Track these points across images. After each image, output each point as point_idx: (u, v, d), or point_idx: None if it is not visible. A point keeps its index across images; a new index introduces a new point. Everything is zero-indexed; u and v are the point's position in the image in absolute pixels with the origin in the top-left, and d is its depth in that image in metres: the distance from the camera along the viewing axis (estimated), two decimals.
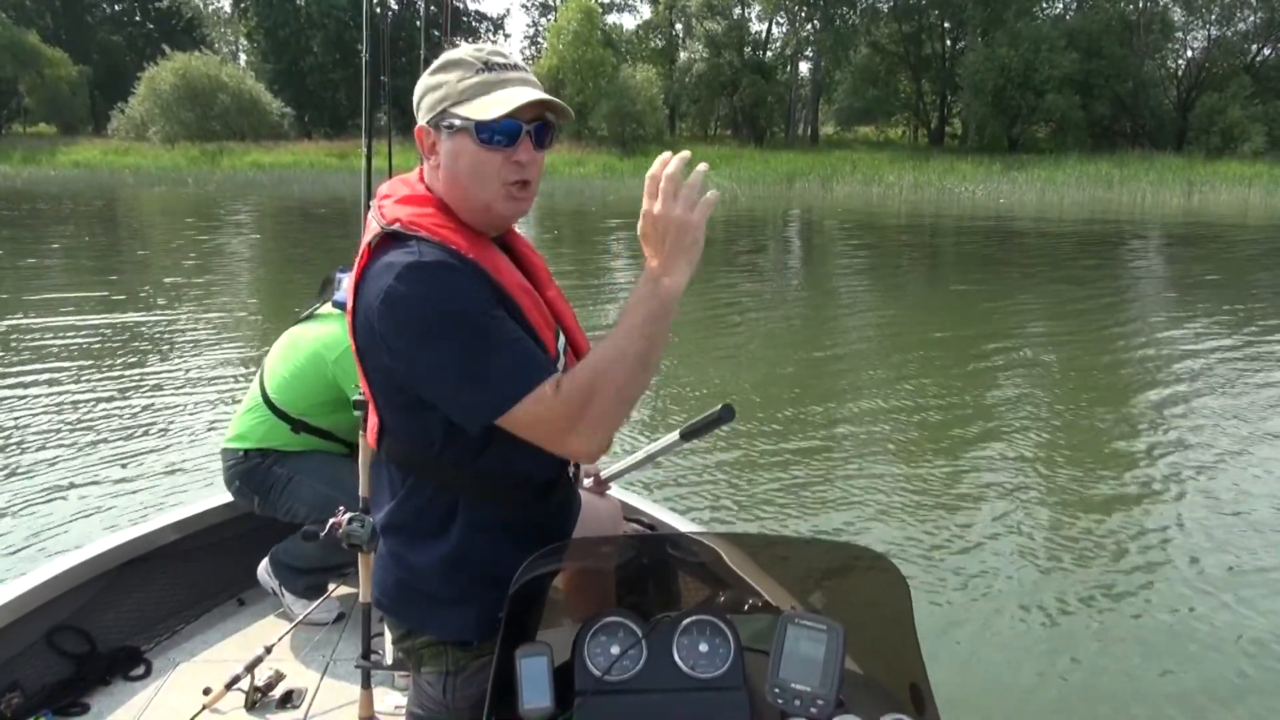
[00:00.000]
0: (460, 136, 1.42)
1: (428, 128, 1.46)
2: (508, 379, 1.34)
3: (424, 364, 1.36)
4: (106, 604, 2.73)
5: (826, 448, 5.97)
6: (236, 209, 25.35)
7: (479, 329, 1.33)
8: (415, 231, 1.40)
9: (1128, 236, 20.62)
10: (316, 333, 2.92)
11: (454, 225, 1.44)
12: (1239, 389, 7.27)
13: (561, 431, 1.36)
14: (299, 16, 50.87)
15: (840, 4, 48.55)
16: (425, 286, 1.33)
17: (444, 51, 1.47)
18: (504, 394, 1.34)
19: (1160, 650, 3.56)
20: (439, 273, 1.34)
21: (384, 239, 1.42)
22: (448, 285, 1.34)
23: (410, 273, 1.33)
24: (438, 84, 1.43)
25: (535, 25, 62.63)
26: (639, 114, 43.30)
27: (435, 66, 1.45)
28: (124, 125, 46.33)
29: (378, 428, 1.51)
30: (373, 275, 1.39)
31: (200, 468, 5.25)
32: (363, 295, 1.40)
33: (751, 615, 1.52)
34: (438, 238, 1.39)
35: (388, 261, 1.36)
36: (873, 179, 35.94)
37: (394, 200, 1.47)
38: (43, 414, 6.35)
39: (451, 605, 1.49)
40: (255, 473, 2.88)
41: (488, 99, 1.40)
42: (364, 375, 1.48)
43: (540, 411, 1.34)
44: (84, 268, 14.39)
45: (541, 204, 28.07)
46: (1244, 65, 45.87)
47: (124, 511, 4.68)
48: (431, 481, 1.48)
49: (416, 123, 1.47)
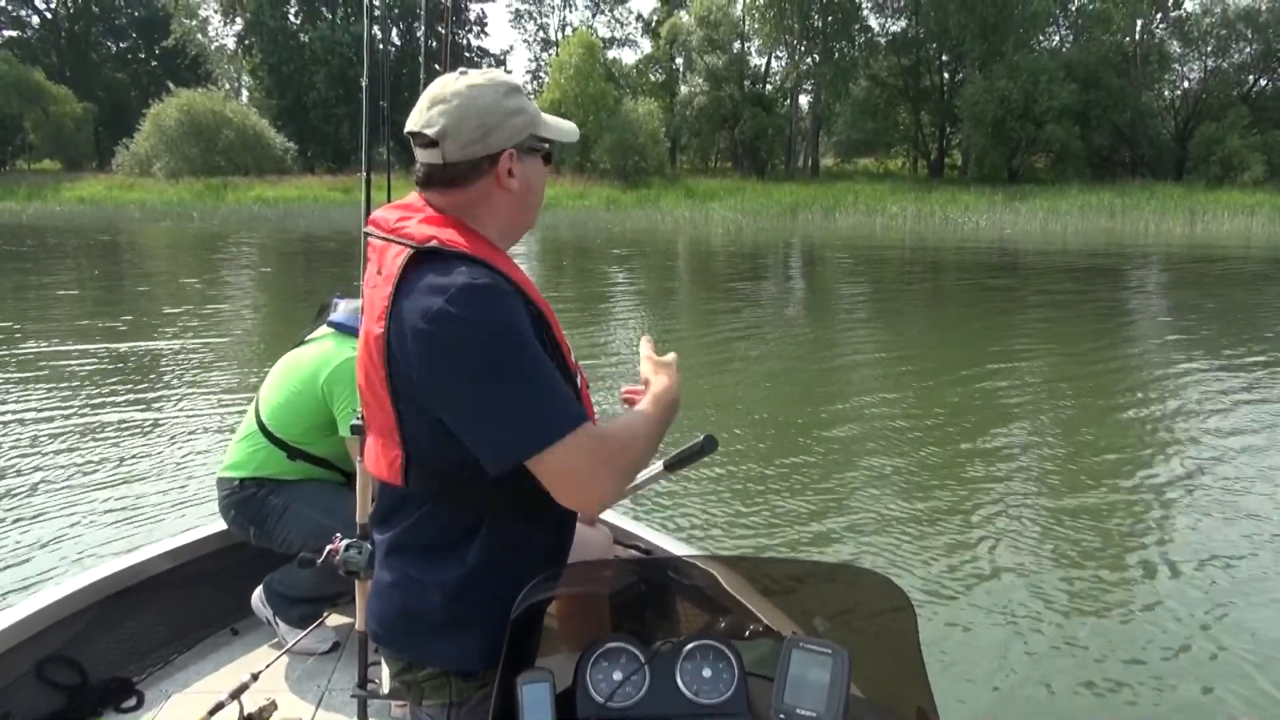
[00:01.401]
0: (534, 158, 1.50)
1: (515, 151, 1.46)
2: (548, 419, 1.32)
3: (461, 392, 1.32)
4: (98, 634, 2.66)
5: (826, 471, 5.88)
6: (241, 242, 25.45)
7: (527, 363, 1.32)
8: (455, 249, 1.37)
9: (1136, 266, 20.62)
10: (310, 354, 2.87)
11: (484, 243, 1.43)
12: (1249, 416, 7.12)
13: (588, 478, 1.35)
14: (303, 53, 51.46)
15: (839, 37, 48.99)
16: (480, 311, 1.30)
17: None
18: (541, 434, 1.31)
19: (1167, 674, 3.48)
20: (493, 297, 1.32)
21: (419, 258, 1.37)
22: (502, 311, 1.32)
23: (464, 295, 1.30)
24: (521, 108, 1.46)
25: (537, 60, 63.25)
26: (641, 147, 43.57)
27: (508, 90, 1.46)
28: (128, 161, 46.66)
29: (402, 460, 1.44)
30: (415, 295, 1.34)
31: (196, 496, 5.16)
32: (401, 316, 1.35)
33: (754, 640, 1.49)
34: (480, 255, 1.37)
35: (434, 283, 1.32)
36: (876, 210, 36.10)
37: (417, 221, 1.43)
38: (37, 441, 6.27)
39: (455, 633, 1.45)
40: (251, 502, 2.83)
41: (558, 124, 1.53)
42: (392, 402, 1.41)
43: (573, 457, 1.33)
44: (89, 298, 14.40)
45: (547, 236, 28.20)
46: (1241, 95, 46.22)
47: (117, 540, 4.59)
48: (456, 502, 1.44)
49: (488, 148, 1.44)
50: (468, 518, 1.44)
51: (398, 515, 1.49)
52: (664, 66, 55.96)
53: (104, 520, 4.89)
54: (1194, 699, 3.32)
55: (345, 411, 2.71)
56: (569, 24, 60.47)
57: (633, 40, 62.05)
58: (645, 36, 60.00)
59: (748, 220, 34.27)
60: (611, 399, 7.60)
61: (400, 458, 1.44)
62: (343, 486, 2.87)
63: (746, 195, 39.21)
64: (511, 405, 1.30)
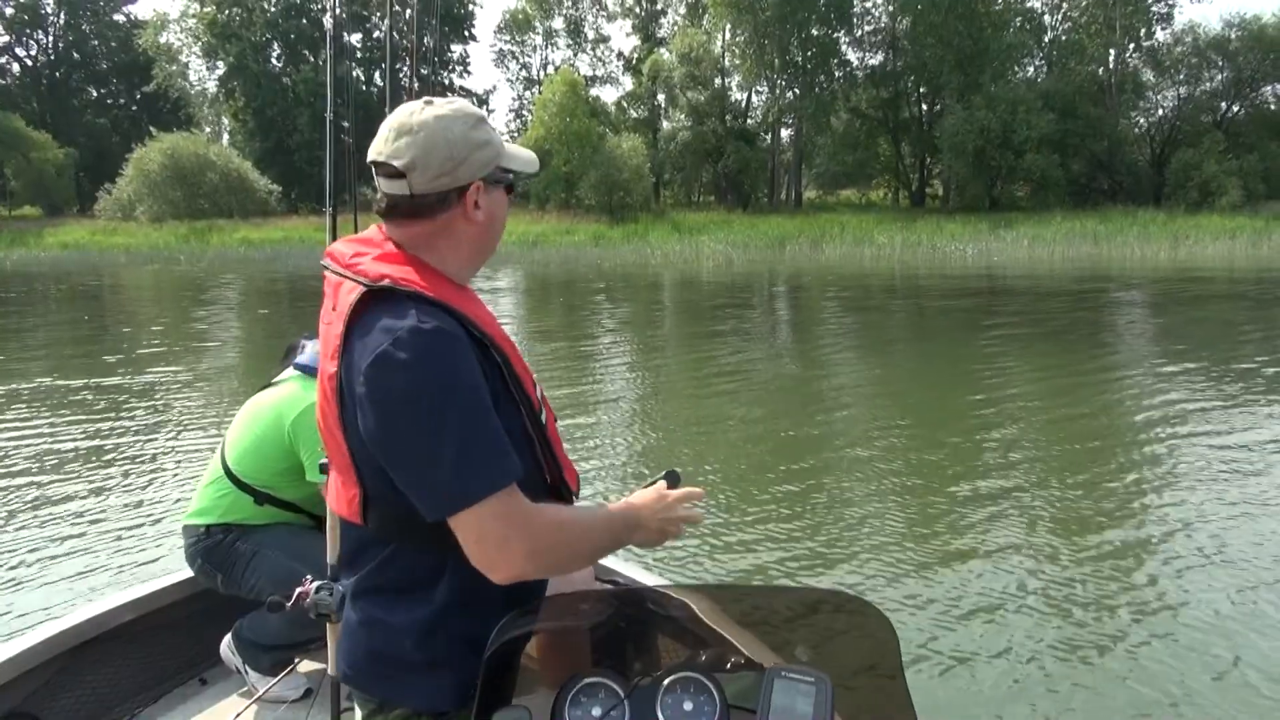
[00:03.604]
0: (498, 189, 1.48)
1: (482, 184, 1.45)
2: (470, 479, 1.29)
3: (397, 439, 1.30)
4: (61, 688, 2.55)
5: (810, 501, 5.82)
6: (228, 285, 25.32)
7: (462, 416, 1.29)
8: (408, 288, 1.35)
9: (1129, 291, 20.76)
10: (276, 397, 2.81)
11: (441, 280, 1.42)
12: (1243, 439, 7.00)
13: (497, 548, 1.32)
14: (286, 96, 51.59)
15: (818, 71, 49.65)
16: (423, 356, 1.28)
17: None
18: (460, 495, 1.29)
19: (1155, 704, 3.41)
20: (439, 341, 1.30)
21: (372, 297, 1.34)
22: (447, 357, 1.30)
23: (410, 338, 1.28)
24: (488, 139, 1.45)
25: (520, 99, 63.64)
26: (626, 183, 43.81)
27: (475, 122, 1.44)
28: (110, 205, 46.49)
29: (361, 498, 1.43)
30: (365, 335, 1.33)
31: (162, 543, 5.02)
32: (351, 358, 1.33)
33: (736, 672, 1.45)
34: (432, 293, 1.35)
35: (385, 325, 1.31)
36: (863, 240, 36.41)
37: (372, 258, 1.42)
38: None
39: (427, 673, 1.43)
40: (218, 549, 2.74)
41: (519, 154, 1.51)
42: (345, 440, 1.40)
43: (486, 524, 1.30)
44: (67, 339, 14.24)
45: (536, 272, 28.20)
46: (1214, 122, 47.10)
47: (79, 591, 4.45)
48: (418, 543, 1.41)
49: (456, 180, 1.43)
50: (431, 559, 1.41)
51: (362, 557, 1.47)
52: (646, 103, 56.45)
53: (66, 569, 4.74)
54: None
55: (313, 456, 2.64)
56: (551, 63, 61.02)
57: (614, 78, 62.59)
58: (627, 74, 60.57)
59: (737, 253, 34.45)
60: (598, 435, 7.55)
61: (359, 496, 1.42)
62: (312, 530, 2.80)
63: (733, 228, 39.47)
64: (448, 453, 1.28)
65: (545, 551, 1.35)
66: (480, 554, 1.32)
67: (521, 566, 1.34)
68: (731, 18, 48.75)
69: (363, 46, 52.10)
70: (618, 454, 7.01)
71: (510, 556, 1.32)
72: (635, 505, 1.52)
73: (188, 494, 4.04)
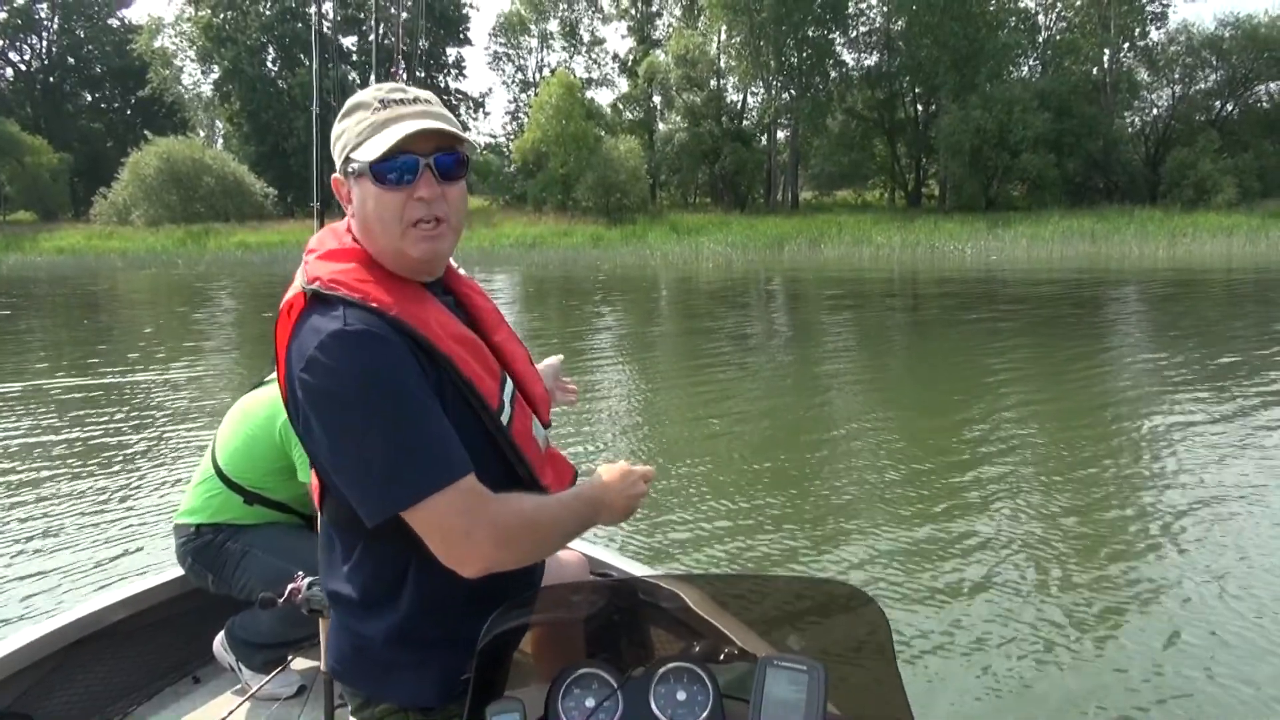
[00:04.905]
0: (363, 181, 1.35)
1: (341, 177, 1.40)
2: (417, 471, 1.26)
3: (330, 441, 1.28)
4: (53, 688, 2.54)
5: (805, 490, 5.84)
6: (226, 288, 25.26)
7: (396, 413, 1.26)
8: (336, 291, 1.32)
9: (1130, 288, 20.84)
10: (267, 397, 2.79)
11: (376, 279, 1.36)
12: (1245, 437, 6.94)
13: (462, 537, 1.29)
14: (282, 100, 51.53)
15: (814, 73, 49.74)
16: (347, 358, 1.25)
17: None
18: (409, 487, 1.26)
19: (1149, 690, 3.41)
20: (364, 343, 1.26)
21: (307, 300, 1.34)
22: (373, 358, 1.26)
23: (333, 341, 1.26)
24: (340, 131, 1.39)
25: (516, 101, 63.59)
26: (623, 184, 43.82)
27: (342, 112, 1.40)
28: (106, 210, 46.37)
29: (319, 490, 1.44)
30: (299, 338, 1.31)
31: (154, 542, 4.99)
32: (289, 361, 1.32)
33: (729, 662, 1.46)
34: (359, 295, 1.31)
35: (312, 327, 1.30)
36: (861, 240, 36.47)
37: (317, 256, 1.40)
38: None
39: (410, 668, 1.42)
40: (208, 549, 2.74)
41: (378, 138, 1.33)
42: (300, 440, 1.38)
43: (445, 514, 1.28)
44: (60, 342, 14.15)
45: (534, 274, 28.16)
46: (1209, 120, 47.28)
47: (71, 591, 4.43)
48: (379, 547, 1.39)
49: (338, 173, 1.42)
50: (394, 565, 1.39)
51: (334, 563, 1.46)
52: (641, 105, 56.49)
53: (58, 569, 4.71)
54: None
55: (304, 456, 2.63)
56: (547, 65, 61.03)
57: (610, 80, 62.61)
58: (622, 76, 60.59)
59: (736, 254, 34.49)
60: (608, 439, 7.55)
61: (320, 487, 1.43)
62: (302, 529, 2.80)
63: (731, 229, 39.53)
64: (377, 457, 1.25)
65: (514, 540, 1.34)
66: (446, 551, 1.30)
67: (491, 556, 1.31)
68: (727, 19, 48.84)
69: (357, 50, 52.09)
70: (618, 448, 7.03)
71: (477, 548, 1.30)
72: (600, 485, 1.52)
73: (179, 493, 4.03)
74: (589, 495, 1.50)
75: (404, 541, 1.33)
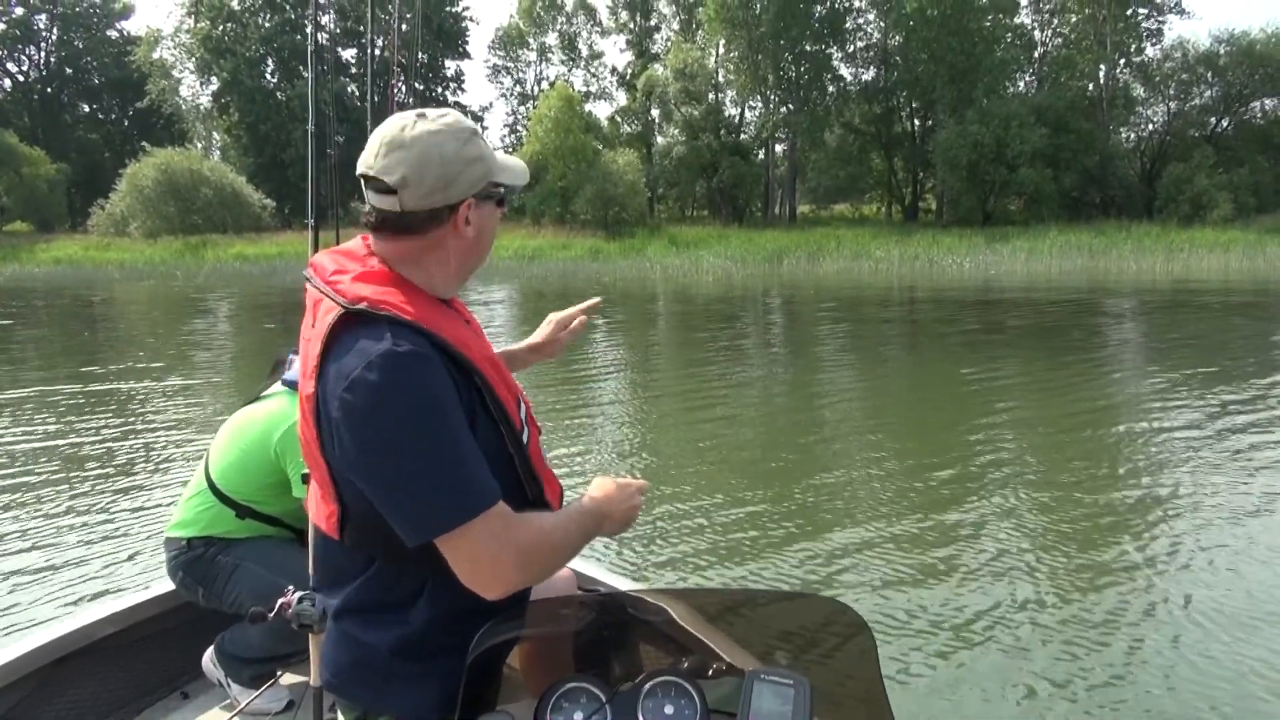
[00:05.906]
0: (489, 204, 1.46)
1: (475, 199, 1.43)
2: (457, 499, 1.29)
3: (375, 463, 1.30)
4: (41, 702, 2.51)
5: (797, 505, 5.83)
6: (225, 299, 25.16)
7: (440, 437, 1.29)
8: (385, 311, 1.33)
9: (1129, 303, 20.86)
10: (264, 411, 2.80)
11: (419, 300, 1.40)
12: (1242, 450, 6.97)
13: (491, 564, 1.32)
14: (280, 111, 51.56)
15: (812, 87, 49.92)
16: (397, 379, 1.27)
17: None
18: (451, 513, 1.29)
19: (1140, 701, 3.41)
20: (414, 365, 1.29)
21: (349, 319, 1.34)
22: (421, 380, 1.29)
23: (383, 362, 1.27)
24: (479, 155, 1.42)
25: (515, 113, 63.77)
26: (621, 197, 43.88)
27: (465, 137, 1.41)
28: (104, 221, 46.31)
29: (339, 514, 1.43)
30: (340, 358, 1.32)
31: (144, 556, 4.98)
32: (327, 379, 1.31)
33: (716, 676, 1.47)
34: (409, 316, 1.34)
35: (358, 346, 1.30)
36: (860, 254, 36.56)
37: (351, 277, 1.40)
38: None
39: (411, 682, 1.43)
40: (199, 563, 2.74)
41: (510, 165, 1.48)
42: (324, 459, 1.40)
43: (478, 543, 1.31)
44: (58, 352, 14.11)
45: (533, 287, 28.16)
46: (1204, 136, 47.49)
47: (58, 605, 4.40)
48: (399, 564, 1.41)
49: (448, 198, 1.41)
50: (410, 581, 1.42)
51: (342, 577, 1.47)
52: (640, 118, 56.64)
53: (46, 582, 4.68)
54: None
55: (299, 472, 2.64)
56: (545, 78, 61.20)
57: (608, 93, 62.81)
58: (621, 90, 60.78)
59: (735, 267, 34.53)
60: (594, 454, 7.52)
61: (337, 513, 1.43)
62: (294, 543, 2.80)
63: (730, 243, 39.57)
64: (421, 482, 1.28)
65: (533, 561, 1.36)
66: (474, 574, 1.33)
67: (513, 580, 1.35)
68: (725, 34, 49.04)
69: (356, 62, 52.17)
70: (612, 461, 7.01)
71: (503, 572, 1.33)
72: (600, 499, 1.53)
73: (171, 507, 4.01)
74: (592, 509, 1.51)
75: (426, 558, 1.34)
